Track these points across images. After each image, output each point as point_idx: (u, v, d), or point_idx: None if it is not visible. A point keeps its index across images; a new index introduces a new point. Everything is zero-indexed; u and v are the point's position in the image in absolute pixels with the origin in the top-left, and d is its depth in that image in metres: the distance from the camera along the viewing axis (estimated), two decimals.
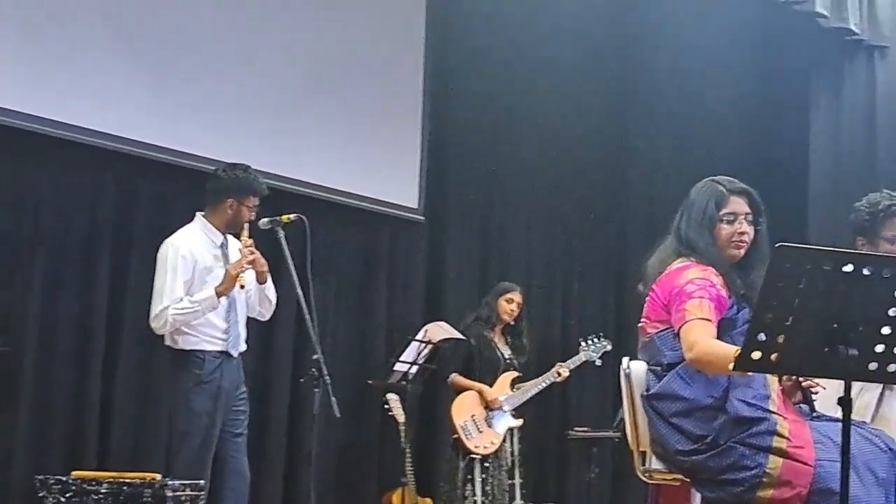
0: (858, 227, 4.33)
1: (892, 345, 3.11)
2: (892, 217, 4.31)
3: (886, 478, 3.43)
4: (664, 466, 3.66)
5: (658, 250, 3.84)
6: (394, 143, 7.34)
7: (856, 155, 7.64)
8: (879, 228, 4.28)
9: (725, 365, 3.30)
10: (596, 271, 8.41)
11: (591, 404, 8.19)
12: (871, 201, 4.34)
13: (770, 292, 3.04)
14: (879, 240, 4.27)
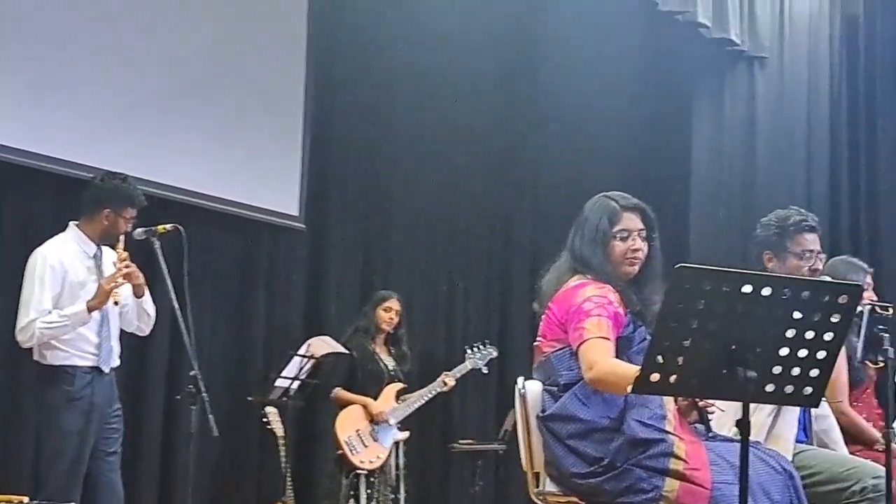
0: (767, 243, 4.31)
1: (789, 366, 3.09)
2: (802, 233, 4.31)
3: (781, 500, 3.40)
4: (558, 489, 3.58)
5: (553, 267, 3.76)
6: (274, 149, 7.15)
7: (736, 164, 7.72)
8: (788, 243, 4.27)
9: (626, 385, 3.24)
10: (480, 279, 8.33)
11: (474, 416, 8.11)
12: (779, 216, 4.33)
13: (669, 313, 2.99)
14: (788, 254, 4.27)
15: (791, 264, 4.26)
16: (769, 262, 4.30)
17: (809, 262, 4.28)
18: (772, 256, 4.30)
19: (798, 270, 4.24)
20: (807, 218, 4.34)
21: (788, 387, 3.12)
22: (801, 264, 4.26)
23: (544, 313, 3.69)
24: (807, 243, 4.29)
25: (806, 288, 3.05)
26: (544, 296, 3.72)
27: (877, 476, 3.97)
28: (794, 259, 4.27)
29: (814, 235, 4.32)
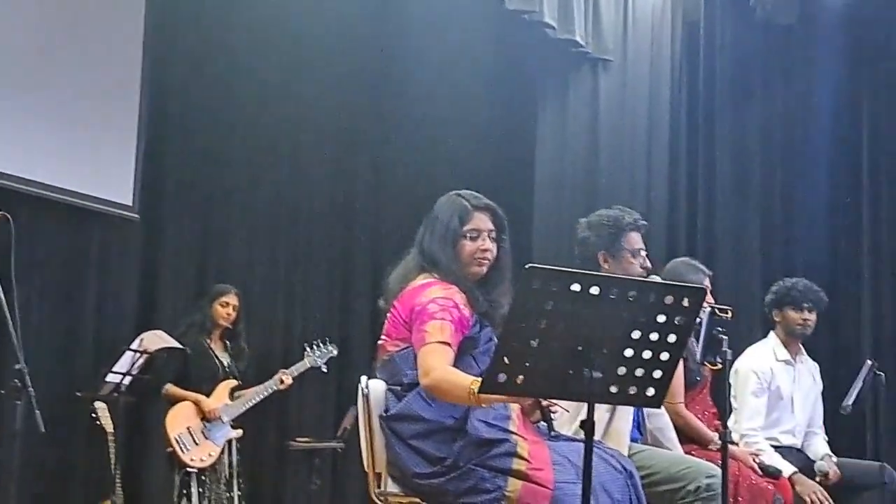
0: (601, 243, 4.33)
1: (633, 367, 3.10)
2: (637, 231, 4.35)
3: (622, 499, 3.42)
4: (400, 490, 3.53)
5: (401, 264, 3.71)
6: (108, 137, 6.88)
7: (578, 166, 7.79)
8: (623, 243, 4.31)
9: (460, 394, 3.25)
10: (320, 276, 8.23)
11: (312, 413, 8.01)
12: (612, 216, 4.35)
13: (517, 314, 2.97)
14: (622, 254, 4.30)
15: (626, 263, 4.31)
16: (605, 262, 4.33)
17: (640, 259, 4.33)
18: (607, 256, 4.33)
19: (632, 269, 4.29)
20: (636, 217, 4.39)
21: (632, 388, 3.14)
22: (634, 262, 4.31)
23: (389, 311, 3.63)
24: (637, 242, 4.35)
25: (652, 290, 3.06)
26: (390, 293, 3.67)
27: (710, 476, 4.04)
28: (629, 257, 4.32)
29: (641, 235, 4.39)
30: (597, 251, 4.33)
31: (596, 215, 4.42)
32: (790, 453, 5.38)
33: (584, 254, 4.35)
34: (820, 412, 5.62)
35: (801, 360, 5.59)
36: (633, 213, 4.40)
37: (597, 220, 4.36)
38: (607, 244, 4.31)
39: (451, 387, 3.30)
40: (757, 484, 4.62)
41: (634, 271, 4.29)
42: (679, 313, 3.08)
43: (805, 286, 5.51)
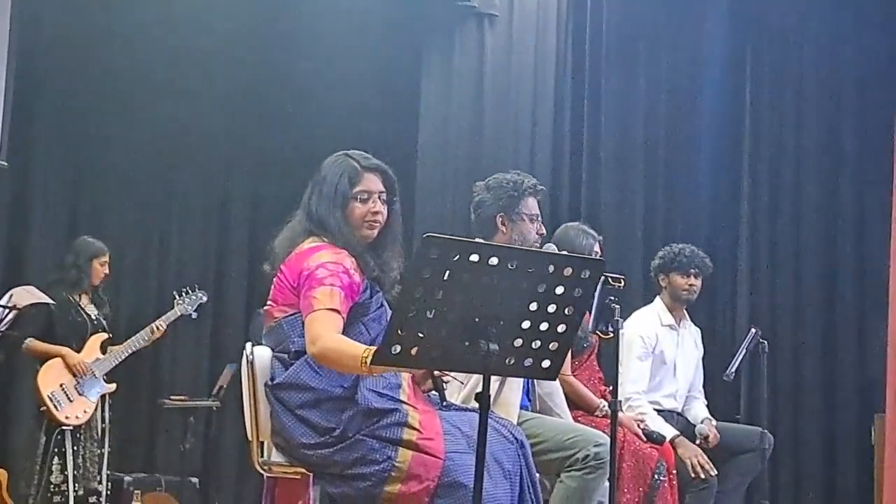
0: (500, 205, 4.26)
1: (530, 339, 3.05)
2: (533, 196, 4.28)
3: (513, 469, 3.37)
4: (285, 459, 3.42)
5: (287, 227, 3.57)
6: None
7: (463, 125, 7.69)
8: (521, 207, 4.24)
9: (351, 364, 3.15)
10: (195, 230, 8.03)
11: (186, 371, 7.83)
12: (513, 180, 4.28)
13: (414, 284, 2.87)
14: (521, 218, 4.23)
15: (523, 228, 4.25)
16: (502, 225, 4.26)
17: (537, 225, 4.28)
18: (505, 220, 4.26)
19: (528, 234, 4.24)
20: (536, 183, 4.34)
21: (528, 360, 3.08)
22: (531, 227, 4.26)
23: (276, 276, 3.50)
24: (534, 207, 4.30)
25: (551, 262, 3.00)
26: (276, 258, 3.53)
27: (598, 444, 4.02)
28: (527, 222, 4.26)
29: (537, 201, 4.33)
30: (495, 214, 4.26)
31: (494, 178, 4.34)
32: (671, 417, 5.42)
33: (481, 216, 4.28)
34: (700, 377, 5.67)
35: (685, 326, 5.62)
36: (532, 178, 4.34)
37: (496, 182, 4.28)
38: (506, 207, 4.24)
39: (340, 356, 3.19)
40: (641, 450, 4.64)
41: (531, 237, 4.24)
42: (578, 285, 3.03)
43: (692, 252, 5.53)
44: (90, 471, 6.32)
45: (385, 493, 3.22)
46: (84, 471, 6.29)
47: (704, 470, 5.01)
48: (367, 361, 3.04)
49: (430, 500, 3.20)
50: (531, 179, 4.31)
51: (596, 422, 4.64)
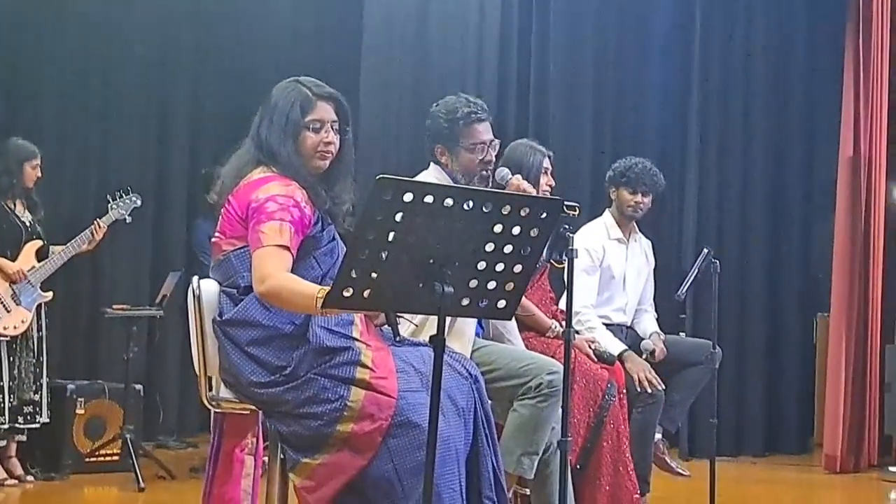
0: (437, 135, 4.14)
1: (485, 280, 2.99)
2: (472, 125, 4.13)
3: (467, 406, 3.33)
4: (234, 396, 3.35)
5: (235, 156, 3.45)
6: None
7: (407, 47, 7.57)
8: (459, 137, 4.11)
9: (304, 303, 3.07)
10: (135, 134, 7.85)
11: (128, 280, 7.74)
12: (448, 108, 4.14)
13: (367, 226, 2.79)
14: (459, 149, 4.11)
15: (464, 158, 4.12)
16: (441, 155, 4.15)
17: (481, 154, 4.13)
18: (444, 150, 4.15)
19: (471, 165, 4.12)
20: (476, 109, 4.15)
21: (483, 300, 3.03)
22: (473, 157, 4.12)
23: (223, 207, 3.39)
24: (478, 135, 4.13)
25: (508, 202, 2.92)
26: (224, 188, 3.41)
27: (552, 372, 4.00)
28: (467, 153, 4.12)
29: (485, 125, 4.16)
30: (433, 146, 4.15)
31: (439, 103, 4.21)
32: (620, 331, 5.40)
33: (427, 144, 4.17)
34: (651, 290, 5.64)
35: (635, 239, 5.56)
36: (473, 103, 4.15)
37: (436, 109, 4.15)
38: (444, 138, 4.12)
39: (292, 295, 3.11)
40: (592, 371, 4.63)
41: (471, 165, 4.11)
42: (535, 225, 2.96)
43: (643, 168, 5.44)
44: (25, 381, 6.24)
45: (337, 433, 3.17)
46: (19, 381, 6.21)
47: (652, 385, 5.03)
48: (319, 303, 2.97)
49: (383, 439, 3.15)
50: (470, 106, 4.12)
51: (547, 342, 4.62)
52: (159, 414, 7.65)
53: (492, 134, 4.17)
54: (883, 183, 7.70)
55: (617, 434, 4.60)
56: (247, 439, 3.47)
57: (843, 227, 7.61)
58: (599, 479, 4.54)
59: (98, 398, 6.75)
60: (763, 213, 8.28)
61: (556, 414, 4.01)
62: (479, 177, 4.12)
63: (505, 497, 3.36)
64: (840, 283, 7.62)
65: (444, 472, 3.12)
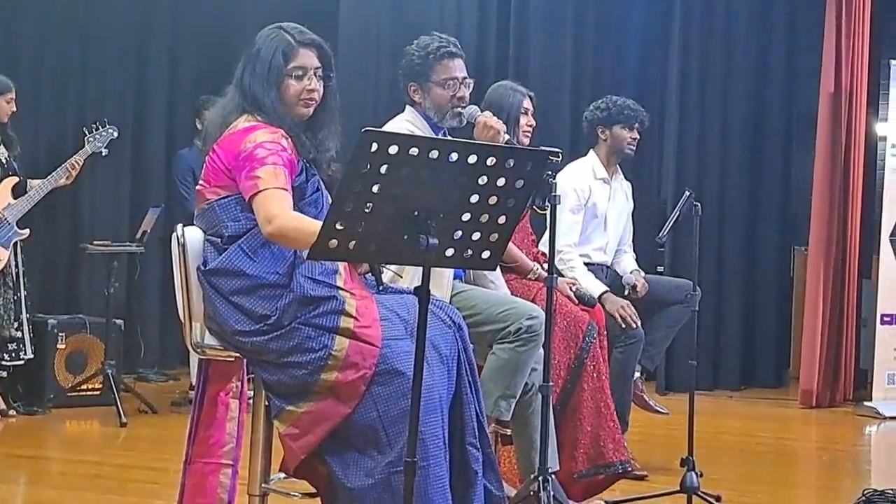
0: (410, 73, 4.13)
1: (470, 231, 3.00)
2: (442, 59, 4.11)
3: (450, 354, 3.34)
4: (219, 344, 3.36)
5: (219, 105, 3.44)
6: None
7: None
8: (431, 73, 4.10)
9: (312, 241, 3.03)
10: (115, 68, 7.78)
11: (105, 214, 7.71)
12: (421, 45, 4.13)
13: (352, 179, 2.78)
14: (431, 84, 4.10)
15: (436, 94, 4.11)
16: (415, 93, 4.14)
17: (454, 90, 4.12)
18: (417, 88, 4.14)
19: (443, 100, 4.11)
20: (447, 43, 4.14)
21: (468, 251, 3.04)
22: (445, 94, 4.11)
23: (208, 155, 3.37)
24: (450, 70, 4.11)
25: (493, 154, 2.92)
26: (209, 137, 3.39)
27: (532, 317, 4.01)
28: (438, 89, 4.11)
29: (458, 61, 4.14)
30: (407, 82, 4.14)
31: (412, 44, 4.19)
32: (600, 271, 5.43)
33: (402, 85, 4.16)
34: (630, 231, 5.66)
35: (617, 179, 5.57)
36: (444, 39, 4.14)
37: (409, 48, 4.14)
38: (415, 76, 4.11)
39: (299, 234, 3.11)
40: (572, 312, 4.64)
41: (443, 103, 4.11)
42: (521, 177, 2.97)
43: (634, 105, 5.45)
44: (4, 318, 6.23)
45: (321, 381, 3.18)
46: None
47: (631, 321, 5.07)
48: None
49: (367, 387, 3.17)
50: (440, 41, 4.11)
51: (528, 285, 4.63)
52: (140, 348, 7.68)
53: (465, 72, 4.17)
54: (863, 118, 7.73)
55: (598, 374, 4.63)
56: (231, 383, 3.46)
57: (823, 161, 7.65)
58: (580, 420, 4.58)
59: (79, 333, 6.78)
60: (742, 149, 8.30)
61: (534, 358, 4.04)
62: (451, 114, 4.11)
63: (489, 444, 3.39)
64: (819, 218, 7.67)
65: (429, 419, 3.13)
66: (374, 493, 3.15)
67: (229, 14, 7.91)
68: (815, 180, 7.72)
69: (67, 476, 5.23)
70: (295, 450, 3.23)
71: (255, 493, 3.42)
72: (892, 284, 7.46)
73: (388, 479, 3.13)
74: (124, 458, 5.60)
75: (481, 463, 3.32)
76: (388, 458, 3.15)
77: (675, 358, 7.73)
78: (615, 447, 4.63)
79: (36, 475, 5.27)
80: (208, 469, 3.46)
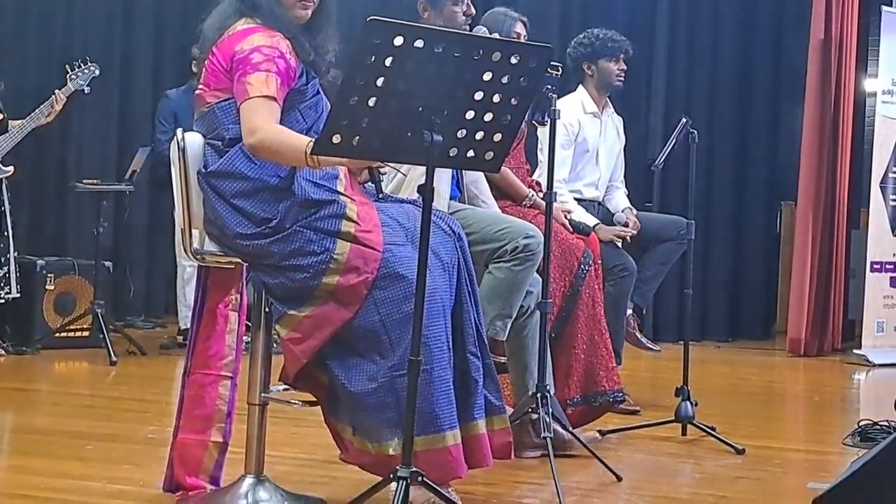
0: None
1: (474, 130, 3.00)
2: None
3: (450, 261, 3.32)
4: (219, 249, 3.33)
5: (216, 10, 3.39)
6: None
7: None
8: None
9: (293, 156, 3.06)
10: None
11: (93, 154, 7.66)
12: None
13: (356, 70, 2.77)
14: (444, 2, 4.11)
15: (447, 11, 4.13)
16: (424, 11, 4.15)
17: (463, 6, 4.15)
18: (426, 6, 4.14)
19: (455, 17, 4.12)
20: None
21: (471, 151, 3.04)
22: (456, 10, 4.13)
23: (207, 59, 3.34)
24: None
25: (497, 48, 2.91)
26: (206, 41, 3.36)
27: (528, 236, 4.01)
28: (450, 5, 4.13)
29: None
30: (416, 1, 4.12)
31: None
32: (592, 206, 5.43)
33: (403, 3, 4.13)
34: (622, 167, 5.66)
35: (608, 114, 5.56)
36: None
37: None
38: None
39: (281, 147, 3.10)
40: (567, 240, 4.64)
41: (457, 20, 4.13)
42: (524, 74, 2.96)
43: (617, 35, 5.44)
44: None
45: (323, 285, 3.16)
46: None
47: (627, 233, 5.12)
48: (309, 153, 2.96)
49: (369, 291, 3.15)
50: None
51: (523, 212, 4.62)
52: (129, 290, 7.65)
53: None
54: (853, 70, 7.73)
55: (592, 303, 4.63)
56: (231, 295, 3.45)
57: (812, 111, 7.64)
58: (575, 348, 4.59)
59: (68, 274, 6.75)
60: (731, 100, 8.29)
61: (530, 277, 4.04)
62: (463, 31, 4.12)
63: (488, 353, 3.37)
64: (808, 169, 7.67)
65: (432, 323, 3.11)
66: (377, 396, 3.13)
67: None
68: (804, 131, 7.72)
69: (61, 406, 5.21)
70: (297, 354, 3.21)
71: (255, 402, 3.40)
72: (881, 232, 7.49)
73: (391, 383, 3.12)
74: (115, 391, 5.60)
75: (482, 372, 3.31)
76: (390, 361, 3.14)
77: (662, 305, 7.75)
78: (608, 376, 4.64)
79: (29, 405, 5.25)
80: (207, 380, 3.45)
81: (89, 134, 7.69)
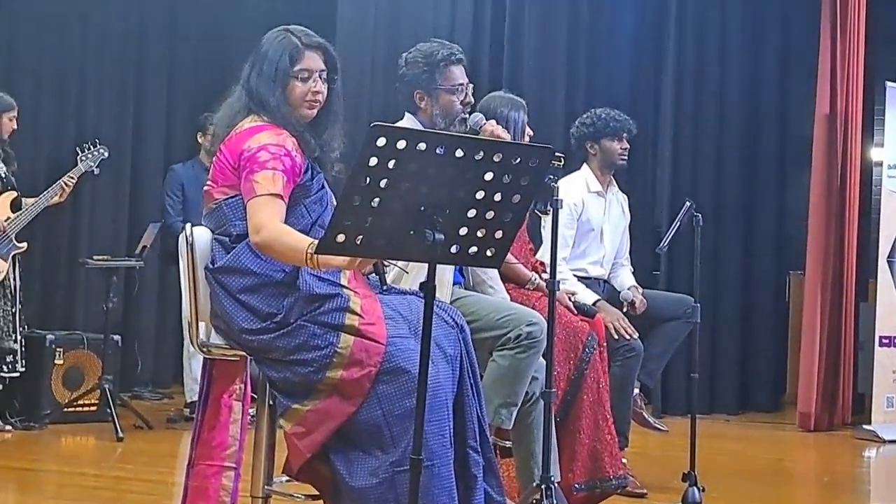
0: (415, 81, 4.14)
1: (475, 228, 3.02)
2: (450, 66, 4.14)
3: (454, 354, 3.35)
4: (225, 342, 3.36)
5: (225, 105, 3.46)
6: None
7: None
8: (439, 80, 4.12)
9: (295, 256, 3.11)
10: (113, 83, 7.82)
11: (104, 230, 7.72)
12: (425, 52, 4.14)
13: (360, 173, 2.80)
14: (440, 91, 4.12)
15: (444, 101, 4.14)
16: (421, 101, 4.16)
17: (461, 95, 4.17)
18: (423, 95, 4.15)
19: (452, 106, 4.14)
20: (453, 50, 4.19)
21: (473, 248, 3.05)
22: (453, 99, 4.15)
23: (216, 156, 3.40)
24: (457, 76, 4.15)
25: (499, 150, 2.94)
26: (216, 137, 3.43)
27: (532, 323, 4.00)
28: (447, 95, 4.14)
29: (461, 68, 4.19)
30: (412, 90, 4.15)
31: (413, 50, 4.21)
32: (597, 284, 5.43)
33: (402, 93, 4.18)
34: (627, 244, 5.67)
35: (612, 192, 5.59)
36: (449, 46, 4.18)
37: (412, 56, 4.16)
38: (422, 83, 4.12)
39: (285, 249, 3.15)
40: (572, 323, 4.64)
41: (454, 108, 4.14)
42: (525, 174, 2.99)
43: (619, 115, 5.48)
44: (3, 329, 6.24)
45: (327, 379, 3.19)
46: None
47: (627, 333, 5.07)
48: (311, 254, 3.01)
49: (372, 385, 3.17)
50: (446, 48, 4.15)
51: (527, 294, 4.63)
52: (137, 364, 7.68)
53: (466, 78, 4.20)
54: (858, 140, 7.76)
55: (597, 387, 4.62)
56: (235, 385, 3.48)
57: (819, 184, 7.67)
58: (580, 433, 4.56)
59: (77, 349, 6.78)
60: (738, 171, 8.32)
61: (535, 365, 4.03)
62: (459, 119, 4.14)
63: (489, 446, 3.38)
64: (815, 241, 7.68)
65: (434, 418, 3.13)
66: (378, 492, 3.14)
67: (225, 31, 7.98)
68: (811, 203, 7.74)
69: (66, 487, 5.21)
70: (300, 448, 3.23)
71: (258, 495, 3.41)
72: (889, 306, 7.48)
73: (392, 479, 3.13)
74: (122, 470, 5.58)
75: (481, 467, 3.31)
76: (391, 457, 3.15)
77: (671, 379, 7.72)
78: (612, 461, 4.62)
79: (34, 486, 5.26)
80: (211, 471, 3.46)
81: (100, 211, 7.77)
